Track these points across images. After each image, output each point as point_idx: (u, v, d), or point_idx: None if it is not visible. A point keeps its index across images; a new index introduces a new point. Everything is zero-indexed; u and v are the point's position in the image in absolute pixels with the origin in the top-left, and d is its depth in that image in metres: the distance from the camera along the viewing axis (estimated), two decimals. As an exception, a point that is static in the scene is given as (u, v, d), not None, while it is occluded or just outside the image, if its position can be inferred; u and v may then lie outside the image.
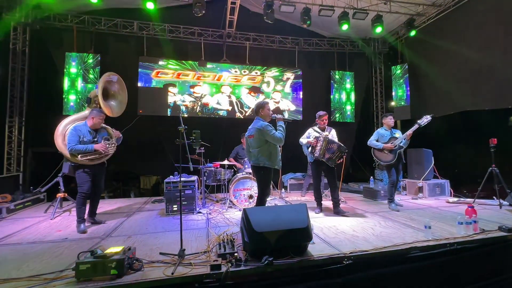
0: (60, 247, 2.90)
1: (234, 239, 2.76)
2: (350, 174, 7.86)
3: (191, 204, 4.41)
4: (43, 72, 6.30)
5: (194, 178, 4.58)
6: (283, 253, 2.40)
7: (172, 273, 2.14)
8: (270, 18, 5.89)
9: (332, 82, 7.98)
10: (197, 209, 4.44)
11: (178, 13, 6.82)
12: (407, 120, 7.24)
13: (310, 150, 4.28)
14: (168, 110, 6.94)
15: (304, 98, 7.82)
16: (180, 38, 7.07)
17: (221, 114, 7.25)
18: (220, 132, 6.98)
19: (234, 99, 7.35)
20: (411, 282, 2.61)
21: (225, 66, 7.31)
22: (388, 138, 4.65)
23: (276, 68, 7.64)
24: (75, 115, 4.26)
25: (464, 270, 2.80)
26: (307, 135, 4.44)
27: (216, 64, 7.25)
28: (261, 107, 3.52)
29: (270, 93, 7.61)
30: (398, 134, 4.69)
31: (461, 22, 5.98)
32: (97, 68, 6.32)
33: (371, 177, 6.27)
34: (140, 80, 6.74)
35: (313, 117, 4.51)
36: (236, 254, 2.37)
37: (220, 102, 7.25)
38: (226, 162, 5.05)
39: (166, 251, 2.60)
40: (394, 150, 4.50)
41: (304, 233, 2.49)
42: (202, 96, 7.15)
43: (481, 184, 4.63)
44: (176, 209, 4.25)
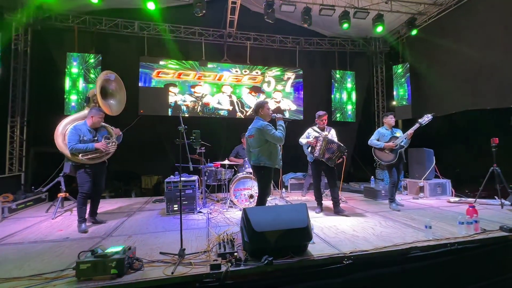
0: (61, 247, 2.91)
1: (234, 238, 2.76)
2: (351, 174, 7.85)
3: (192, 203, 4.41)
4: (45, 72, 6.32)
5: (195, 178, 4.58)
6: (283, 253, 2.40)
7: (172, 273, 2.15)
8: (270, 18, 5.87)
9: (333, 81, 7.96)
10: (198, 208, 4.45)
11: (178, 13, 6.81)
12: (408, 119, 7.22)
13: (309, 150, 4.28)
14: (169, 110, 6.95)
15: (305, 98, 7.81)
16: (180, 38, 7.07)
17: (222, 114, 7.25)
18: (221, 132, 6.98)
19: (235, 98, 7.35)
20: (411, 282, 2.60)
21: (226, 65, 7.31)
22: (389, 137, 4.63)
23: (277, 68, 7.63)
24: (75, 115, 4.25)
25: (465, 270, 2.79)
26: (307, 135, 4.44)
27: (217, 64, 7.25)
28: (261, 106, 3.52)
29: (271, 93, 7.61)
30: (398, 133, 4.67)
31: (462, 21, 5.95)
32: (98, 68, 6.33)
33: (372, 177, 6.25)
34: (141, 80, 6.75)
35: (314, 117, 4.50)
36: (236, 253, 2.37)
37: (221, 102, 7.25)
38: (226, 162, 5.06)
39: (166, 250, 2.61)
40: (395, 149, 4.49)
41: (304, 233, 2.49)
42: (203, 96, 7.15)
43: (483, 184, 4.61)
44: (176, 208, 4.25)
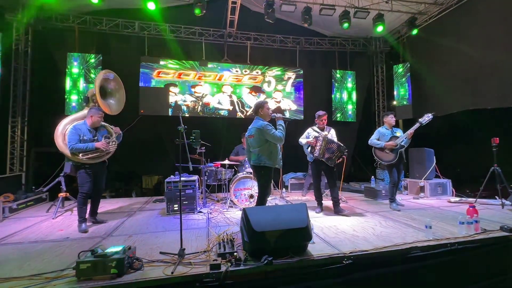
0: (61, 246, 2.91)
1: (234, 238, 2.76)
2: (352, 174, 7.85)
3: (192, 203, 4.41)
4: (45, 72, 6.33)
5: (195, 177, 4.58)
6: (283, 252, 2.40)
7: (172, 272, 2.15)
8: (271, 18, 5.88)
9: (334, 81, 7.96)
10: (198, 208, 4.45)
11: (179, 13, 6.81)
12: (409, 119, 7.21)
13: (309, 150, 4.27)
14: (169, 110, 6.95)
15: (305, 98, 7.80)
16: (181, 38, 7.07)
17: (222, 113, 7.26)
18: (221, 132, 6.99)
19: (235, 98, 7.35)
20: (411, 282, 2.60)
21: (226, 65, 7.31)
22: (389, 137, 4.62)
23: (277, 68, 7.63)
24: (74, 115, 4.25)
25: (465, 270, 2.78)
26: (307, 135, 4.43)
27: (217, 64, 7.26)
28: (261, 106, 3.52)
29: (271, 93, 7.60)
30: (399, 133, 4.67)
31: (462, 21, 5.94)
32: (98, 68, 6.34)
33: (372, 177, 6.25)
34: (141, 80, 6.76)
35: (314, 117, 4.50)
36: (236, 253, 2.37)
37: (221, 102, 7.25)
38: (227, 161, 5.06)
39: (166, 250, 2.61)
40: (395, 149, 4.48)
41: (304, 233, 2.49)
42: (203, 95, 7.16)
43: (483, 184, 4.59)
44: (176, 208, 4.25)
